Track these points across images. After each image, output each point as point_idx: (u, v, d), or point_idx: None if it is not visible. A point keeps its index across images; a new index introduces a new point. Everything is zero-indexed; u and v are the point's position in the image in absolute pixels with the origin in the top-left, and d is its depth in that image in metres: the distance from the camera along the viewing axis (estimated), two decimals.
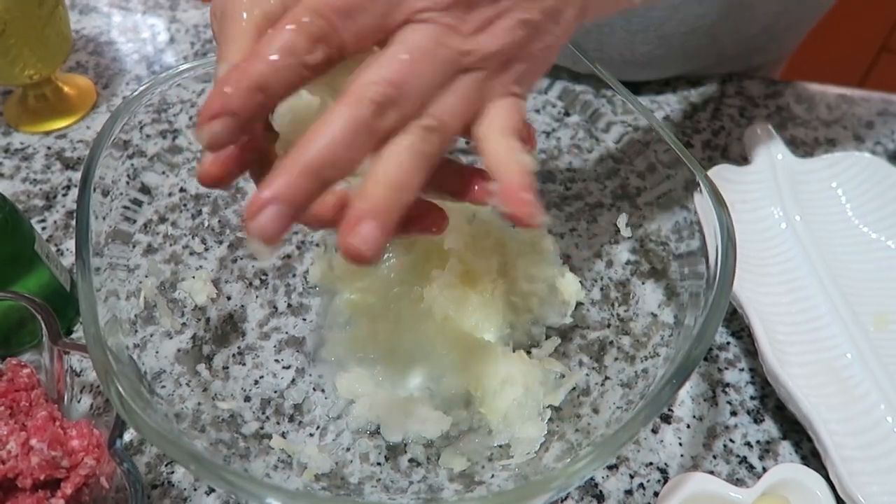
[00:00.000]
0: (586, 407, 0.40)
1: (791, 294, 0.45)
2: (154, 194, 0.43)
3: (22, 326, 0.40)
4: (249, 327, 0.45)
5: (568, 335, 0.44)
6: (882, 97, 0.62)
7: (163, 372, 0.39)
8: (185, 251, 0.46)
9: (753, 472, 0.40)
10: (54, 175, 0.54)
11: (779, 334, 0.43)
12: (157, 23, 0.67)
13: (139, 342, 0.38)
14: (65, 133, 0.57)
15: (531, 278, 0.44)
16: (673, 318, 0.39)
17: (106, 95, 0.61)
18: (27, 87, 0.57)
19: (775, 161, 0.51)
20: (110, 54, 0.64)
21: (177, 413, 0.37)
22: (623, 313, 0.44)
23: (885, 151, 0.57)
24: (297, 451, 0.39)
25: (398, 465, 0.40)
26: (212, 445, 0.37)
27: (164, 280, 0.44)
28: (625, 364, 0.41)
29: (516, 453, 0.39)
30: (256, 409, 0.41)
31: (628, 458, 0.40)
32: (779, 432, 0.42)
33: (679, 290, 0.39)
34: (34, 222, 0.51)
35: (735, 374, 0.44)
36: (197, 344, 0.43)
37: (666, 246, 0.42)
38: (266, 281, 0.47)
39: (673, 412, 0.42)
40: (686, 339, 0.34)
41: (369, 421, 0.40)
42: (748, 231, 0.48)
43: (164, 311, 0.41)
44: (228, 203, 0.49)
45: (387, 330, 0.42)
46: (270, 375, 0.43)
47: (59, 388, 0.38)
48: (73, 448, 0.34)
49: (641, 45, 0.54)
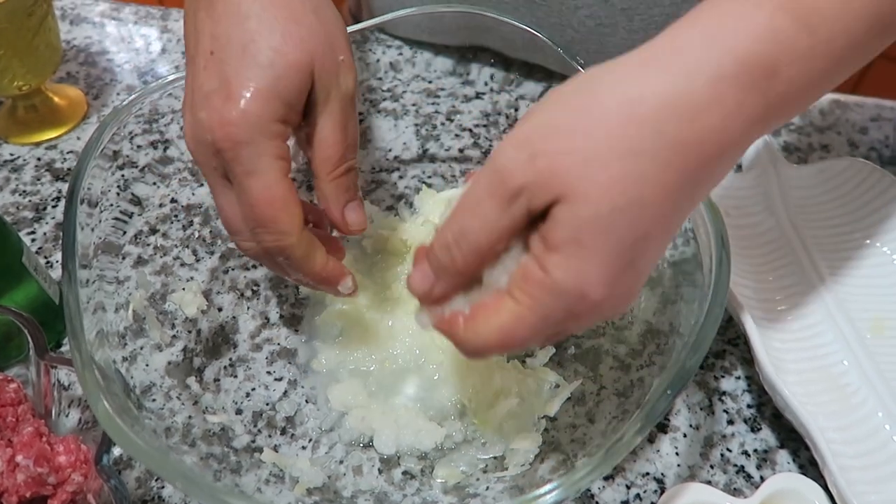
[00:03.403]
0: (581, 417, 0.40)
1: (787, 301, 0.45)
2: (145, 205, 0.43)
3: (8, 340, 0.40)
4: (241, 339, 0.44)
5: (562, 344, 0.44)
6: (876, 103, 0.62)
7: (153, 385, 0.38)
8: (175, 262, 0.46)
9: (751, 481, 0.40)
10: (44, 186, 0.54)
11: (775, 342, 0.43)
12: (149, 33, 0.67)
13: (128, 355, 0.38)
14: (55, 144, 0.57)
15: None
16: (668, 327, 0.39)
17: (97, 106, 0.60)
18: (17, 98, 0.57)
19: (769, 168, 0.50)
20: (101, 65, 0.64)
21: (167, 427, 0.36)
22: (618, 321, 0.43)
23: (880, 157, 0.57)
24: (288, 464, 0.38)
25: (392, 477, 0.39)
26: (202, 460, 0.36)
27: (155, 292, 0.43)
28: (620, 373, 0.40)
29: (511, 465, 0.38)
30: (248, 422, 0.41)
31: (625, 469, 0.40)
32: (776, 441, 0.41)
33: (674, 297, 0.39)
34: (24, 234, 0.51)
35: (732, 382, 0.44)
36: (188, 356, 0.42)
37: None
38: (258, 292, 0.47)
39: (669, 421, 0.42)
40: (682, 347, 0.33)
41: (362, 433, 0.40)
42: (743, 238, 0.48)
43: (154, 324, 0.40)
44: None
45: (379, 340, 0.42)
46: (262, 388, 0.42)
47: (47, 403, 0.37)
48: (59, 464, 0.33)
49: (643, 44, 0.54)
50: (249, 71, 0.29)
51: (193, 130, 0.31)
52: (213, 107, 0.30)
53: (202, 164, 0.32)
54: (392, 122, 0.53)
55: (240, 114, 0.29)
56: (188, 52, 0.32)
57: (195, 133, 0.31)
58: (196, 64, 0.31)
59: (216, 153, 0.30)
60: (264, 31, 0.30)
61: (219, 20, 0.30)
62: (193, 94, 0.31)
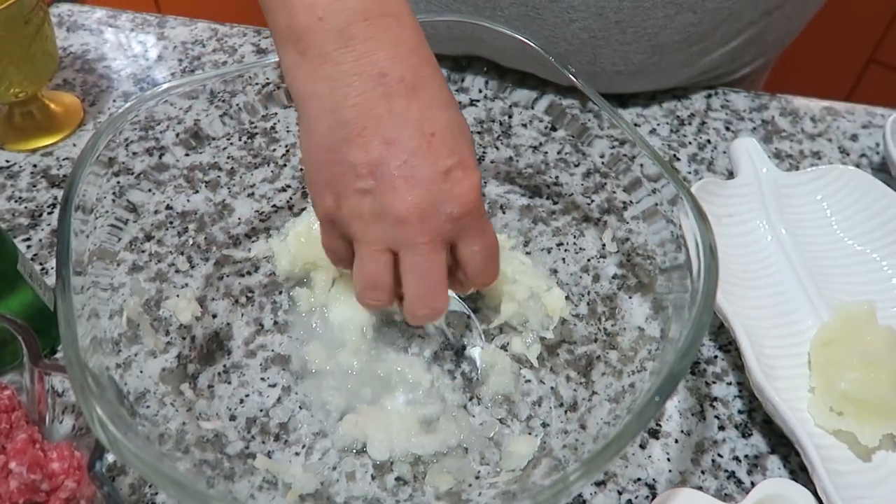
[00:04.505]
0: (573, 423, 0.40)
1: (777, 307, 0.45)
2: (140, 212, 0.43)
3: (3, 347, 0.40)
4: (235, 345, 0.45)
5: (555, 350, 0.44)
6: (867, 109, 0.62)
7: (147, 392, 0.38)
8: (170, 269, 0.46)
9: (742, 487, 0.40)
10: (40, 193, 0.54)
11: (765, 348, 0.43)
12: (146, 40, 0.67)
13: (122, 362, 0.38)
14: (51, 151, 0.57)
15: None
16: (659, 332, 0.39)
17: (93, 113, 0.60)
18: (13, 105, 0.57)
19: (761, 174, 0.51)
20: (98, 71, 0.64)
21: (160, 434, 0.36)
22: (610, 328, 0.44)
23: (870, 164, 0.58)
24: (281, 470, 0.38)
25: (385, 483, 0.39)
26: (196, 466, 0.36)
27: (149, 298, 0.43)
28: (612, 379, 0.41)
29: (504, 469, 0.39)
30: (242, 428, 0.41)
31: (616, 474, 0.40)
32: (767, 446, 0.42)
33: (665, 303, 0.39)
34: (19, 241, 0.51)
35: (723, 388, 0.44)
36: (182, 363, 0.42)
37: (653, 260, 0.42)
38: (252, 298, 0.47)
39: (661, 427, 0.42)
40: (671, 353, 0.34)
41: (355, 439, 0.40)
42: (734, 245, 0.48)
43: (148, 331, 0.41)
44: (215, 220, 0.49)
45: (373, 344, 0.42)
46: (256, 394, 0.43)
47: (41, 410, 0.37)
48: (53, 471, 0.34)
49: (635, 55, 0.55)
50: (470, 147, 0.35)
51: (428, 206, 0.33)
52: (455, 180, 0.33)
53: (434, 232, 0.34)
54: None
55: (478, 181, 0.34)
56: (388, 132, 0.33)
57: (432, 208, 0.33)
58: (412, 144, 0.33)
59: (456, 219, 0.34)
60: (462, 118, 0.35)
61: (430, 107, 0.33)
62: (418, 175, 0.33)
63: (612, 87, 0.59)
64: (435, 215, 0.33)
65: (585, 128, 0.45)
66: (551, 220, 0.51)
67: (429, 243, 0.34)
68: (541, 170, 0.53)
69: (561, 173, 0.53)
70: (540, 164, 0.53)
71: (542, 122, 0.49)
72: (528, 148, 0.54)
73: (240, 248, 0.49)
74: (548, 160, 0.53)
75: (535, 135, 0.54)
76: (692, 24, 0.53)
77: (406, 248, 0.34)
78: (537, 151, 0.54)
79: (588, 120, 0.45)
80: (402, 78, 0.33)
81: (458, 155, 0.33)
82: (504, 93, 0.50)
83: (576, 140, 0.46)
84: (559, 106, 0.47)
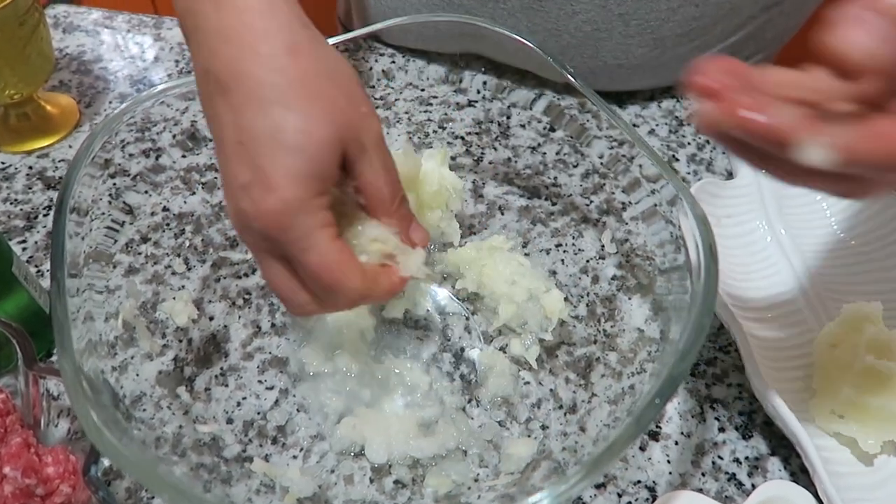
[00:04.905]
0: (573, 425, 0.40)
1: (778, 308, 0.45)
2: (136, 214, 0.43)
3: None
4: (232, 347, 0.44)
5: (554, 352, 0.44)
6: None
7: (143, 395, 0.38)
8: (167, 271, 0.46)
9: (742, 489, 0.40)
10: (35, 195, 0.54)
11: (766, 349, 0.43)
12: (142, 41, 0.67)
13: (118, 365, 0.38)
14: (47, 152, 0.57)
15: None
16: (659, 334, 0.39)
17: (89, 114, 0.60)
18: (9, 107, 0.57)
19: (760, 175, 0.51)
20: (94, 73, 0.64)
21: (157, 437, 0.36)
22: (609, 329, 0.44)
23: None
24: (279, 474, 0.38)
25: (383, 486, 0.39)
26: (192, 470, 0.36)
27: (146, 301, 0.43)
28: (612, 380, 0.40)
29: (503, 472, 0.38)
30: (239, 431, 0.40)
31: (616, 477, 0.40)
32: (767, 448, 0.41)
33: (665, 304, 0.39)
34: (15, 243, 0.51)
35: (723, 389, 0.44)
36: (178, 366, 0.42)
37: (652, 261, 0.42)
38: (249, 300, 0.47)
39: (661, 429, 0.42)
40: (671, 354, 0.33)
41: (353, 442, 0.40)
42: (734, 245, 0.48)
43: (144, 333, 0.40)
44: (212, 222, 0.49)
45: (372, 346, 0.42)
46: (253, 397, 0.42)
47: (36, 413, 0.37)
48: (48, 475, 0.33)
49: (637, 48, 0.55)
50: (282, 158, 0.30)
51: (238, 219, 0.31)
52: (253, 199, 0.30)
53: (252, 246, 0.32)
54: (384, 129, 0.53)
55: (281, 203, 0.30)
56: (214, 136, 0.32)
57: (240, 221, 0.31)
58: (225, 153, 0.31)
59: (265, 239, 0.31)
60: (289, 116, 0.30)
61: (240, 110, 0.30)
62: (230, 185, 0.31)
63: (613, 83, 0.59)
64: (247, 230, 0.31)
65: (584, 128, 0.45)
66: (550, 221, 0.50)
67: (256, 255, 0.33)
68: (539, 170, 0.53)
69: (559, 174, 0.52)
70: (538, 164, 0.53)
71: (541, 122, 0.49)
72: (526, 149, 0.54)
73: (237, 250, 0.48)
74: (546, 161, 0.53)
75: (534, 135, 0.54)
76: (694, 18, 0.53)
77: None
78: (536, 152, 0.54)
79: (587, 120, 0.45)
80: (217, 76, 0.31)
81: (259, 171, 0.30)
82: (502, 93, 0.50)
83: (574, 141, 0.46)
84: (558, 106, 0.47)
